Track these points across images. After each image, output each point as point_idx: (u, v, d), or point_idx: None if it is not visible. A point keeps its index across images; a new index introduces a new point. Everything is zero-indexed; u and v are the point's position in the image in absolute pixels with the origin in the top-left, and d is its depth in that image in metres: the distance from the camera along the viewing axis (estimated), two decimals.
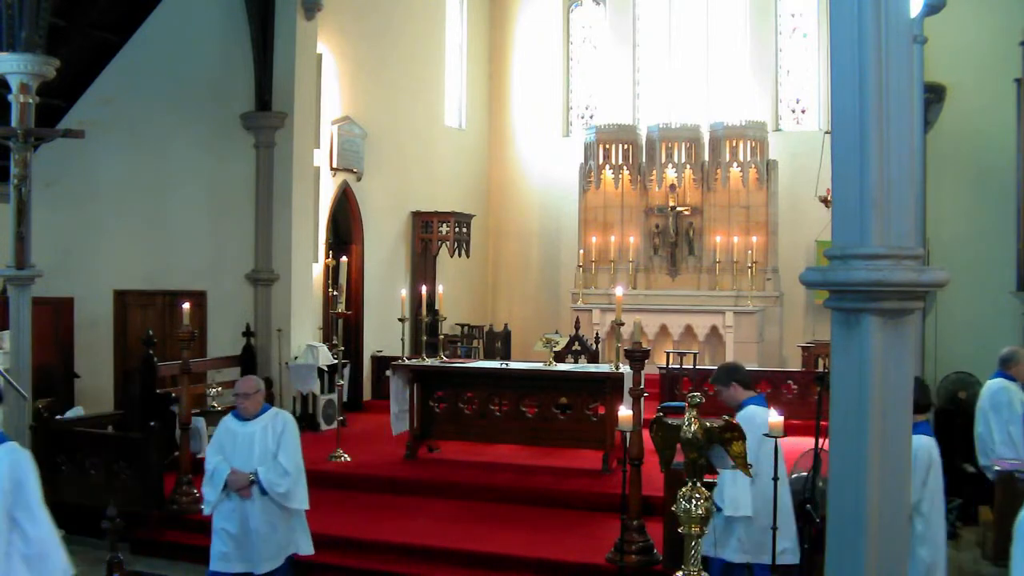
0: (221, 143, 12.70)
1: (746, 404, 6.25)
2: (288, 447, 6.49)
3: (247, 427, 6.57)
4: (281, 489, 6.40)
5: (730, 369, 6.53)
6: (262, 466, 6.40)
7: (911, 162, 3.06)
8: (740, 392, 6.33)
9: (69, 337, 12.39)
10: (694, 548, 4.14)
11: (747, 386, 6.39)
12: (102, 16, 12.15)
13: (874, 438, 3.01)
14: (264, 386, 6.83)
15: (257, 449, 6.49)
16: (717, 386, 6.40)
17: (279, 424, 6.57)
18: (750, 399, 6.32)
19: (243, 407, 6.60)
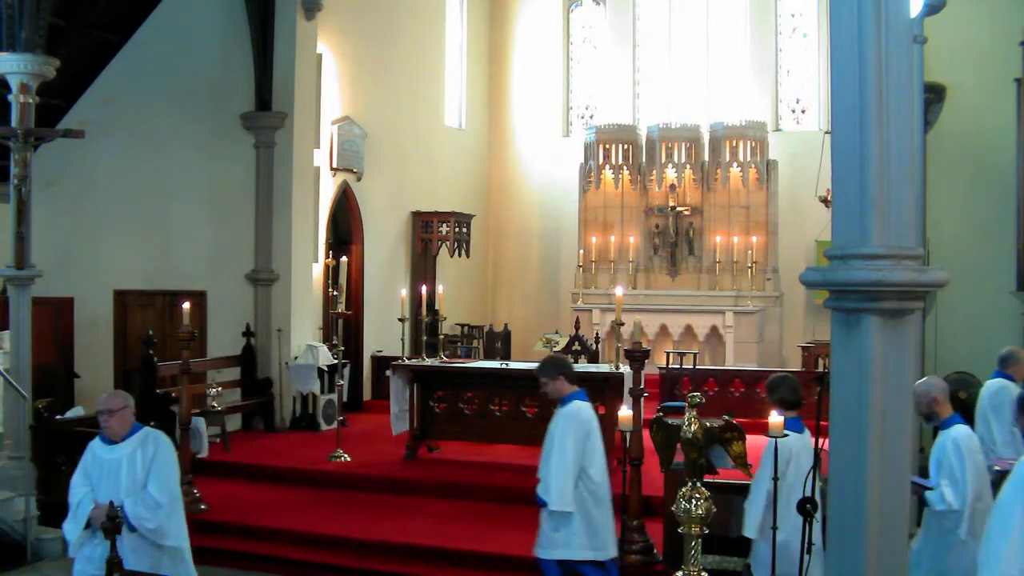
0: (221, 143, 12.70)
1: (570, 399, 6.36)
2: (160, 474, 5.50)
3: (114, 452, 5.57)
4: (151, 524, 5.38)
5: (557, 362, 6.62)
6: (129, 498, 5.39)
7: (911, 162, 3.06)
8: (565, 386, 6.41)
9: (69, 337, 12.40)
10: (694, 548, 4.14)
11: (572, 381, 6.47)
12: (102, 16, 12.16)
13: (874, 438, 3.01)
14: (133, 402, 5.78)
15: (125, 478, 5.49)
16: (543, 378, 6.44)
17: (150, 448, 5.57)
18: (574, 394, 6.42)
19: (107, 427, 5.58)
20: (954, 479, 5.59)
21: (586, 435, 6.29)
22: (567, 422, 6.29)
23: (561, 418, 6.33)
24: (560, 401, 6.41)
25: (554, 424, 6.35)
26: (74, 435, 9.62)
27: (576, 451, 6.22)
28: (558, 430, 6.28)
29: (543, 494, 6.22)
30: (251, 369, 12.59)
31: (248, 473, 10.48)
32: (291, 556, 8.21)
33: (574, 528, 6.22)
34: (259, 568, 8.14)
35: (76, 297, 12.45)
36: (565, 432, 6.24)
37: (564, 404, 6.39)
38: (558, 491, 6.15)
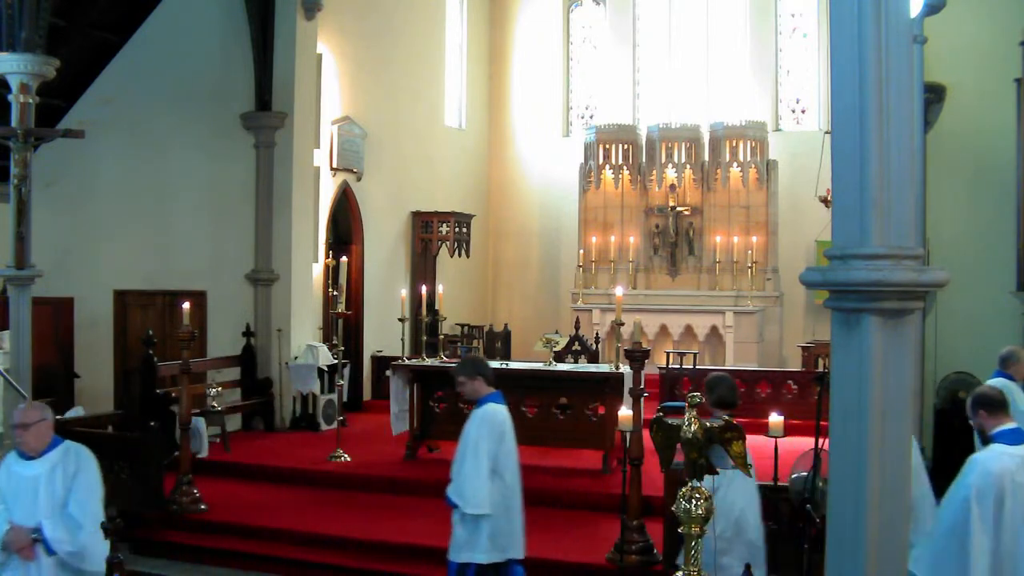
0: (221, 143, 12.70)
1: (486, 400, 6.35)
2: (82, 493, 5.15)
3: (31, 468, 5.17)
4: (71, 548, 5.02)
5: (476, 362, 6.63)
6: (48, 519, 5.05)
7: (911, 162, 3.06)
8: (483, 387, 6.40)
9: (69, 337, 12.39)
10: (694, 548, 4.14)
11: (490, 382, 6.47)
12: (102, 16, 12.15)
13: (874, 438, 3.01)
14: (52, 414, 5.39)
15: (43, 497, 5.13)
16: (461, 376, 6.42)
17: (71, 464, 5.20)
18: (490, 396, 6.41)
19: (22, 441, 5.20)
20: None
21: (500, 437, 6.25)
22: (481, 424, 6.24)
23: (476, 420, 6.27)
24: (476, 402, 6.38)
25: (468, 426, 6.29)
26: (74, 435, 9.60)
27: (491, 454, 6.17)
28: (472, 432, 6.23)
29: (455, 497, 6.16)
30: (251, 369, 12.59)
31: (248, 473, 10.48)
32: (291, 556, 8.21)
33: (484, 531, 6.16)
34: (259, 568, 8.14)
35: (76, 297, 12.45)
36: (480, 434, 6.20)
37: (479, 405, 6.34)
38: (472, 494, 6.09)
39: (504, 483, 6.27)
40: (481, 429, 6.23)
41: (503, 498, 6.25)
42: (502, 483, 6.26)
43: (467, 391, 6.42)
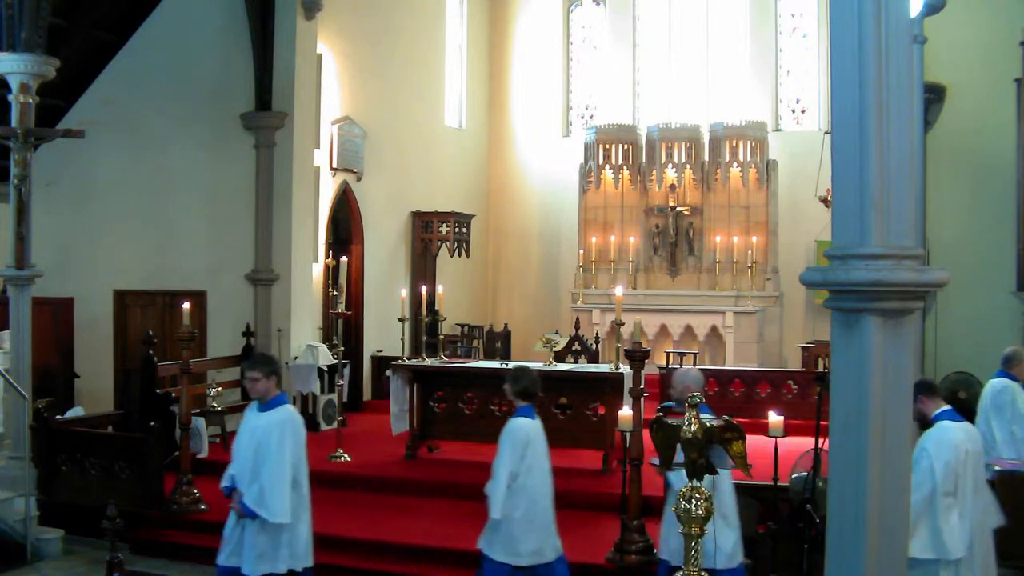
0: (221, 143, 12.69)
1: (282, 402, 6.15)
2: None
3: None
4: None
5: (272, 361, 6.39)
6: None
7: (911, 162, 3.06)
8: (275, 388, 6.20)
9: (69, 337, 12.38)
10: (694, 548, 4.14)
11: (280, 385, 6.32)
12: (102, 16, 12.14)
13: (874, 438, 3.01)
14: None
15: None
16: (256, 372, 6.11)
17: None
18: (283, 396, 6.26)
19: None
20: None
21: (301, 443, 6.07)
22: (284, 428, 6.00)
23: (276, 424, 5.99)
24: (267, 404, 6.10)
25: (269, 430, 5.99)
26: (74, 435, 9.64)
27: (293, 459, 5.99)
28: (274, 437, 5.95)
29: (256, 506, 5.87)
30: None
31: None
32: None
33: (284, 540, 6.04)
34: None
35: (76, 297, 12.44)
36: (283, 439, 5.96)
37: (273, 407, 6.09)
38: (279, 502, 5.89)
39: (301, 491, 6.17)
40: (284, 434, 5.97)
41: (301, 505, 6.12)
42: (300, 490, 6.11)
43: (259, 389, 6.07)
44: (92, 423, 10.32)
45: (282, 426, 5.98)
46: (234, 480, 6.04)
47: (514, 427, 6.53)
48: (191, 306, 9.47)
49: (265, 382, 6.06)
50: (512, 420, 6.57)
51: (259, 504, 5.86)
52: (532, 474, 6.47)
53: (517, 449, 6.40)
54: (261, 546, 5.95)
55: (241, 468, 6.01)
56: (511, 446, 6.42)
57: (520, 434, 6.47)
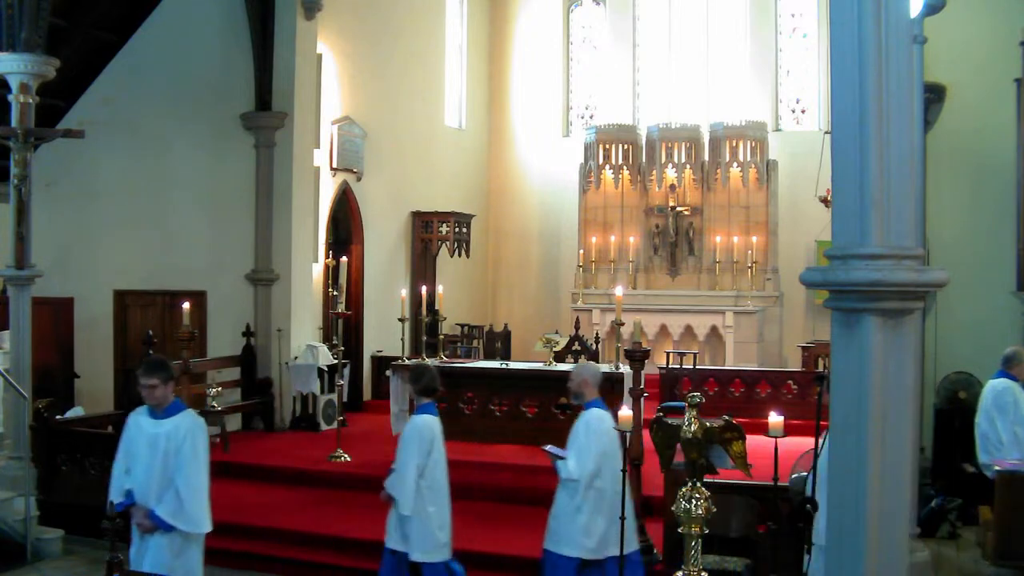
0: (221, 143, 12.69)
1: (181, 409, 5.83)
2: None
3: None
4: None
5: (169, 366, 6.03)
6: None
7: (911, 162, 3.06)
8: (171, 395, 5.87)
9: (69, 337, 12.39)
10: (694, 548, 4.15)
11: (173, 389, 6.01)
12: (102, 16, 12.15)
13: (874, 438, 3.01)
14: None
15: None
16: (155, 379, 5.71)
17: None
18: (178, 402, 5.91)
19: None
20: (580, 454, 6.38)
21: (205, 450, 5.79)
22: (196, 435, 5.69)
23: (187, 432, 5.65)
24: (165, 411, 5.71)
25: (178, 438, 5.64)
26: (74, 435, 9.64)
27: (207, 464, 5.76)
28: (188, 445, 5.62)
29: (173, 518, 5.57)
30: (251, 369, 12.59)
31: (248, 473, 10.48)
32: (291, 556, 8.21)
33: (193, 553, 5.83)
34: (259, 568, 8.14)
35: (76, 297, 12.45)
36: (197, 446, 5.68)
37: (173, 414, 5.71)
38: (200, 511, 5.68)
39: None
40: (197, 440, 5.67)
41: None
42: None
43: (158, 396, 5.68)
44: (92, 423, 10.32)
45: (194, 433, 5.67)
46: (132, 495, 5.58)
47: (420, 424, 6.68)
48: (191, 306, 9.49)
49: (163, 388, 5.69)
50: (417, 417, 6.71)
51: (177, 515, 5.54)
52: (439, 469, 6.64)
53: (424, 446, 6.55)
54: (169, 560, 5.59)
55: (144, 482, 5.58)
56: (418, 443, 6.57)
57: (427, 432, 6.64)
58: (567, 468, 6.38)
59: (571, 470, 6.35)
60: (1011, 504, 7.52)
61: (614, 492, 6.35)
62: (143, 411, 5.81)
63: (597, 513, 6.37)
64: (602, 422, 6.51)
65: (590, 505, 6.35)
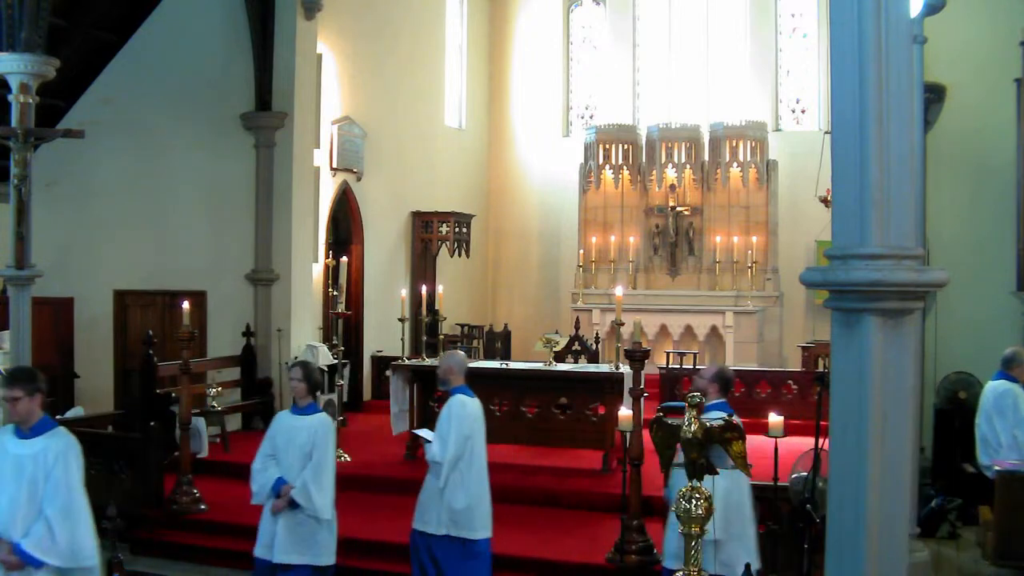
0: (221, 143, 12.69)
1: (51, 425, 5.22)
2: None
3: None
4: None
5: (38, 377, 5.37)
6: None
7: (911, 162, 3.06)
8: (39, 410, 5.28)
9: (69, 337, 12.39)
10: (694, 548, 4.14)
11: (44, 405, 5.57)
12: (102, 16, 12.15)
13: (874, 438, 3.01)
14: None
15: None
16: (19, 391, 5.03)
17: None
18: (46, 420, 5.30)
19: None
20: (442, 437, 6.65)
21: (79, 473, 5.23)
22: (69, 455, 5.05)
23: (59, 453, 4.99)
24: (32, 428, 5.02)
25: (48, 460, 4.96)
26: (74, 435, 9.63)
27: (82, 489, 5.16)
28: (60, 467, 4.95)
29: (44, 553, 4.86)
30: (251, 369, 12.59)
31: (248, 473, 10.44)
32: None
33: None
34: None
35: (76, 297, 12.45)
36: (69, 468, 5.01)
37: (42, 432, 5.03)
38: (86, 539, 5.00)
39: None
40: (69, 460, 5.00)
41: None
42: None
43: (21, 411, 4.98)
44: (92, 423, 10.32)
45: (66, 455, 4.97)
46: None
47: (330, 424, 6.62)
48: (191, 306, 9.47)
49: (27, 402, 4.95)
50: (322, 417, 6.57)
51: (48, 550, 4.78)
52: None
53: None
54: None
55: (7, 511, 4.84)
56: (334, 443, 6.64)
57: (333, 433, 6.65)
58: (432, 451, 6.68)
59: (435, 453, 6.66)
60: (1011, 504, 7.52)
61: (477, 472, 6.76)
62: (8, 430, 5.06)
63: (459, 492, 6.70)
64: (464, 407, 6.79)
65: (452, 485, 6.68)
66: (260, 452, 6.59)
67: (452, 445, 6.65)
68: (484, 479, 6.84)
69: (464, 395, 6.92)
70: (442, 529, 6.76)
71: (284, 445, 6.49)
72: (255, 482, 6.50)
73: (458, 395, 6.89)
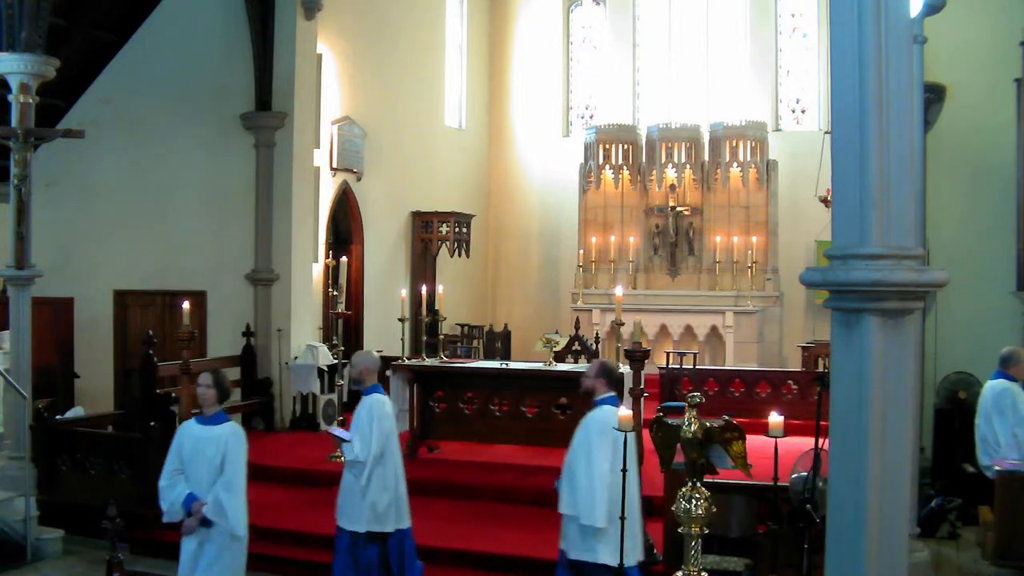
0: (221, 143, 12.69)
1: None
2: None
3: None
4: None
5: None
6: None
7: (911, 162, 3.07)
8: None
9: (69, 337, 12.38)
10: (694, 548, 4.15)
11: None
12: (102, 16, 12.14)
13: (874, 438, 3.01)
14: None
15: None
16: None
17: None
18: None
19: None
20: (363, 436, 6.74)
21: None
22: None
23: None
24: None
25: None
26: (74, 435, 9.64)
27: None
28: None
29: None
30: (251, 369, 12.59)
31: (248, 473, 10.44)
32: (291, 556, 8.21)
33: None
34: (259, 568, 8.11)
35: (76, 297, 12.44)
36: None
37: None
38: None
39: None
40: None
41: None
42: None
43: None
44: (92, 423, 10.32)
45: None
46: None
47: (241, 434, 6.27)
48: (191, 306, 9.49)
49: None
50: (231, 426, 6.26)
51: None
52: None
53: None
54: None
55: None
56: (245, 454, 6.27)
57: (244, 442, 6.27)
58: (353, 450, 6.72)
59: (357, 452, 6.72)
60: (1011, 504, 7.52)
61: (395, 468, 6.91)
62: None
63: (382, 491, 6.83)
64: (384, 406, 6.94)
65: (376, 483, 6.79)
66: (166, 467, 6.20)
67: (374, 443, 6.75)
68: (402, 475, 7.01)
69: (380, 394, 7.04)
70: (364, 526, 6.85)
71: (191, 458, 6.12)
72: (164, 500, 6.11)
73: (375, 394, 6.99)
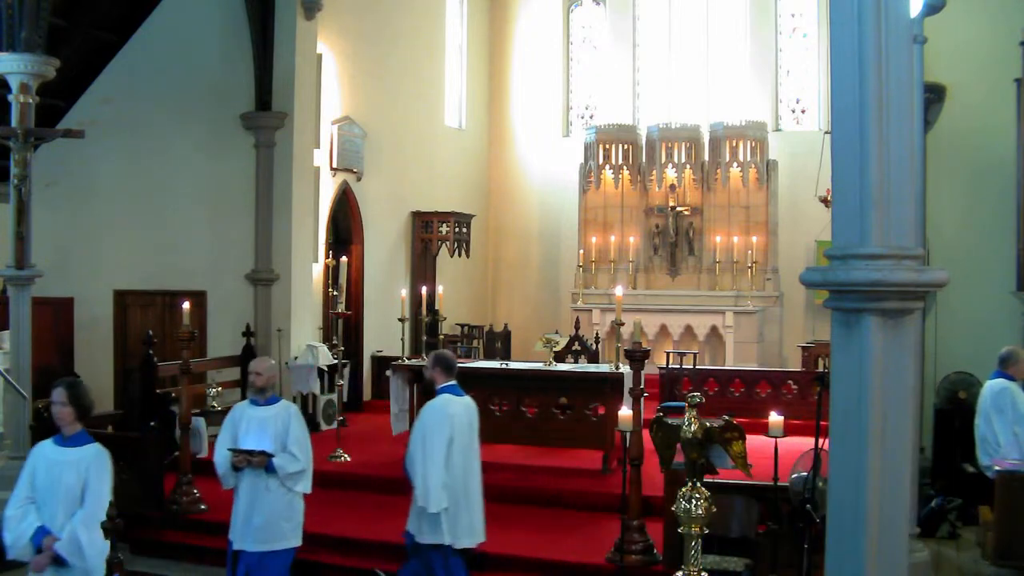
0: (221, 143, 12.69)
1: None
2: None
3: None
4: None
5: None
6: None
7: (911, 162, 3.07)
8: None
9: (69, 337, 12.38)
10: (694, 548, 4.15)
11: None
12: (102, 16, 12.15)
13: (874, 438, 3.01)
14: None
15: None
16: None
17: None
18: None
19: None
20: (301, 445, 6.99)
21: None
22: None
23: None
24: None
25: None
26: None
27: None
28: None
29: None
30: None
31: None
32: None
33: None
34: None
35: (76, 297, 12.44)
36: None
37: None
38: None
39: None
40: None
41: None
42: None
43: None
44: (92, 423, 10.28)
45: None
46: None
47: (105, 457, 5.59)
48: (191, 306, 9.48)
49: None
50: (95, 449, 5.50)
51: None
52: None
53: None
54: None
55: None
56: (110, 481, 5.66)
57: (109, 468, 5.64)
58: (296, 462, 6.88)
59: (300, 461, 6.93)
60: (1011, 504, 7.53)
61: None
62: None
63: None
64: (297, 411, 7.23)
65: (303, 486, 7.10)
66: (15, 495, 5.29)
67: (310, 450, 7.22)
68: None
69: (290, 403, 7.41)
70: None
71: (46, 485, 5.24)
72: (9, 532, 5.17)
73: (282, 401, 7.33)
